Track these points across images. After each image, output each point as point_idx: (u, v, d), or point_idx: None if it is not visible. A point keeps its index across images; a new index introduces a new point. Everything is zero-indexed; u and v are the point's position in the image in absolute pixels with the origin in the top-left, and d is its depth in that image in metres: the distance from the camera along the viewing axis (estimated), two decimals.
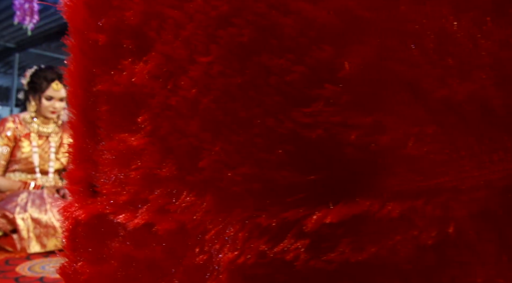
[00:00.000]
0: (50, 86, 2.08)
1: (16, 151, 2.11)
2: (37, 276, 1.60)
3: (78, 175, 0.43)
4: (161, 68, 0.35)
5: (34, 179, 2.16)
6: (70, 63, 0.44)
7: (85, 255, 0.41)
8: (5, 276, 1.58)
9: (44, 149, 2.18)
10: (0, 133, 2.08)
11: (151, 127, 0.36)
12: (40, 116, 2.15)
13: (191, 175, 0.32)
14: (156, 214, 0.35)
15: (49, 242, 1.88)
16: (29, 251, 1.85)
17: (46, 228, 1.88)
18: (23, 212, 1.87)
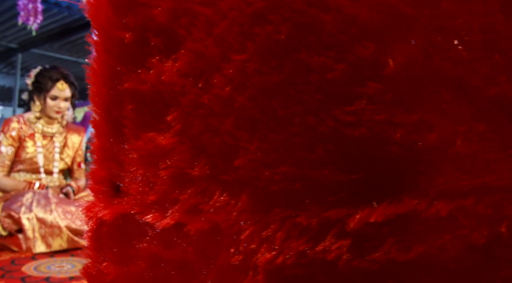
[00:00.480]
0: (55, 86, 2.06)
1: (20, 151, 2.09)
2: (43, 276, 1.58)
3: (102, 174, 0.42)
4: (192, 66, 0.34)
5: (38, 179, 2.14)
6: (93, 61, 0.43)
7: (110, 256, 0.40)
8: (12, 276, 1.56)
9: (48, 149, 2.16)
10: (5, 133, 2.06)
11: (181, 126, 0.35)
12: (45, 116, 2.13)
13: (225, 174, 0.32)
14: (187, 214, 0.34)
15: (54, 242, 1.86)
16: (35, 251, 1.83)
17: (51, 228, 1.86)
18: (29, 212, 1.85)
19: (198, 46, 0.34)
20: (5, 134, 2.04)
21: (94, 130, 0.44)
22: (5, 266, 1.67)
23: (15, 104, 7.24)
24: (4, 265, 1.68)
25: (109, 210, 0.40)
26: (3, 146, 2.03)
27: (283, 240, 0.29)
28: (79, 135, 2.28)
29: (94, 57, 0.43)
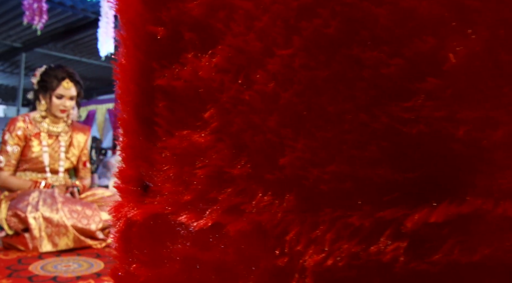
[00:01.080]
0: (61, 85, 2.04)
1: (26, 150, 2.07)
2: (50, 275, 1.56)
3: (130, 173, 0.41)
4: (231, 62, 0.33)
5: (44, 178, 2.11)
6: (122, 57, 0.41)
7: (140, 257, 0.39)
8: (19, 275, 1.54)
9: (54, 148, 2.14)
10: (11, 132, 2.04)
11: (219, 123, 0.33)
12: (50, 115, 2.11)
13: (269, 173, 0.30)
14: (226, 214, 0.32)
15: (60, 241, 1.84)
16: (41, 250, 1.81)
17: (58, 227, 1.84)
18: (35, 211, 1.83)
19: (238, 41, 0.32)
20: (11, 134, 2.02)
21: (121, 128, 0.43)
22: (12, 265, 1.65)
23: (19, 103, 7.20)
24: (11, 264, 1.66)
25: (140, 210, 0.38)
26: (9, 145, 2.01)
27: (333, 241, 0.28)
28: (85, 134, 2.26)
29: (122, 53, 0.42)
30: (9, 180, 2.01)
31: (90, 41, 6.42)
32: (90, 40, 6.37)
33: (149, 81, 0.38)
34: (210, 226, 0.33)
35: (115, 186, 0.43)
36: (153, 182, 0.38)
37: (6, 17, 5.49)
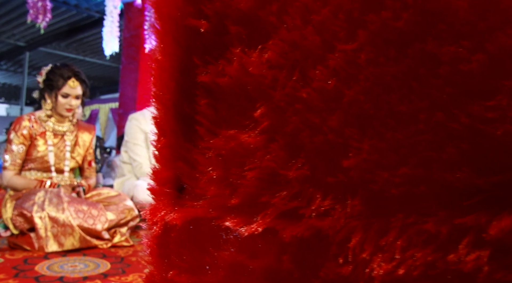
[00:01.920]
0: (67, 84, 2.01)
1: (31, 149, 2.04)
2: (56, 276, 1.54)
3: (166, 175, 0.39)
4: (285, 57, 0.31)
5: (49, 177, 2.08)
6: (158, 53, 0.39)
7: (179, 263, 0.36)
8: (25, 275, 1.52)
9: (59, 147, 2.11)
10: (16, 132, 2.00)
11: (271, 122, 0.31)
12: (56, 114, 2.08)
13: (331, 175, 0.28)
14: (280, 219, 0.30)
15: (66, 241, 1.81)
16: (47, 250, 1.77)
17: (64, 227, 1.81)
18: (41, 210, 1.80)
19: (293, 35, 0.30)
20: (16, 133, 1.99)
21: (156, 128, 0.40)
22: (19, 265, 1.62)
23: (23, 102, 7.15)
24: (17, 264, 1.63)
25: (179, 214, 0.36)
26: (14, 144, 1.98)
27: (404, 249, 0.25)
28: (90, 133, 2.23)
29: (158, 49, 0.39)
30: (14, 179, 1.98)
31: (94, 41, 6.39)
32: (94, 39, 6.33)
33: (190, 78, 0.36)
34: (261, 231, 0.31)
35: (149, 188, 0.41)
36: (194, 185, 0.36)
37: (10, 16, 5.45)
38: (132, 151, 2.49)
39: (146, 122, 2.51)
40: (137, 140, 2.49)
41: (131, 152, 2.50)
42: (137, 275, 1.58)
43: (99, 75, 8.28)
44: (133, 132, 2.50)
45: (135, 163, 2.49)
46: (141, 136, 2.50)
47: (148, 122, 2.52)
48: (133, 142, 2.50)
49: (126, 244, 1.93)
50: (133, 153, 2.49)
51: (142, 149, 2.50)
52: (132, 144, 2.50)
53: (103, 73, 8.27)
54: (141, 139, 2.50)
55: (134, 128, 2.50)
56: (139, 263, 1.74)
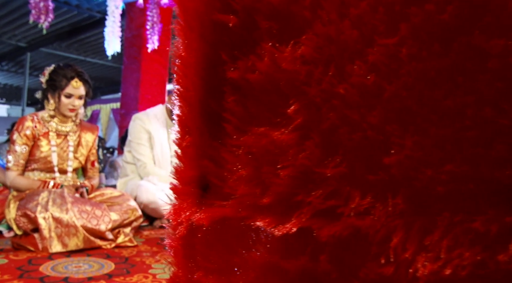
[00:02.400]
0: (70, 84, 1.99)
1: (35, 149, 2.02)
2: (61, 276, 1.52)
3: (191, 174, 0.38)
4: (321, 52, 0.30)
5: (53, 178, 2.07)
6: (182, 50, 0.38)
7: (206, 264, 0.35)
8: (30, 276, 1.50)
9: (62, 147, 2.10)
10: (19, 132, 1.99)
11: (306, 119, 0.30)
12: (59, 114, 2.07)
13: (371, 173, 0.27)
14: (317, 219, 0.29)
15: (70, 241, 1.79)
16: (51, 250, 1.76)
17: (68, 227, 1.79)
18: (45, 211, 1.78)
19: (329, 29, 0.29)
20: (19, 133, 1.97)
21: (180, 126, 0.39)
22: (23, 266, 1.60)
23: (24, 103, 7.12)
24: (21, 265, 1.62)
25: (206, 214, 0.35)
26: (17, 145, 1.97)
27: (450, 248, 0.25)
28: (93, 133, 2.22)
29: (182, 45, 0.38)
30: (17, 180, 1.97)
31: (95, 41, 6.38)
32: (95, 40, 6.32)
33: (217, 74, 0.35)
34: (296, 231, 0.30)
35: (172, 188, 0.40)
36: (221, 184, 0.35)
37: (11, 17, 5.43)
38: (136, 151, 2.48)
39: (150, 122, 2.50)
40: (141, 140, 2.48)
41: (135, 151, 2.49)
42: (142, 276, 1.57)
43: (100, 75, 8.26)
44: (137, 132, 2.49)
45: (139, 162, 2.47)
46: (145, 136, 2.49)
47: (152, 122, 2.51)
48: (137, 141, 2.48)
49: (130, 245, 1.92)
50: (137, 153, 2.48)
51: (146, 148, 2.49)
52: (136, 144, 2.49)
53: (104, 74, 8.25)
54: (145, 139, 2.49)
55: (138, 128, 2.49)
56: (144, 263, 1.72)
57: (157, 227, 2.36)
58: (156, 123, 2.52)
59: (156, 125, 2.51)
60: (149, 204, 2.29)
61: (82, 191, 2.04)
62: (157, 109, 2.61)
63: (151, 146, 2.51)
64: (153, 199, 2.29)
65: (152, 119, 2.52)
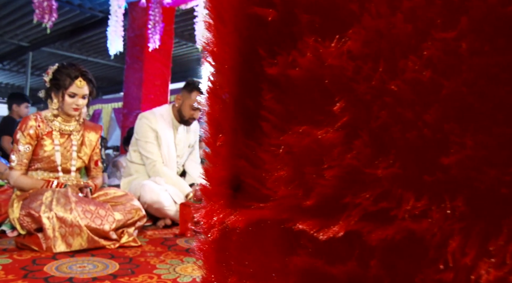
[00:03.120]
0: (74, 83, 1.97)
1: (38, 149, 2.00)
2: (66, 277, 1.50)
3: (223, 174, 0.36)
4: (370, 47, 0.28)
5: (56, 177, 2.04)
6: (214, 46, 0.37)
7: (240, 269, 0.34)
8: (34, 276, 1.48)
9: (66, 147, 2.07)
10: (23, 131, 1.96)
11: (354, 117, 0.29)
12: (62, 114, 2.04)
13: (428, 174, 0.25)
14: (366, 222, 0.28)
15: (74, 241, 1.77)
16: (55, 250, 1.73)
17: (72, 227, 1.77)
18: (49, 210, 1.76)
19: (379, 23, 0.28)
20: (23, 133, 1.95)
21: (211, 125, 0.38)
22: (27, 266, 1.58)
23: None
24: (26, 265, 1.59)
25: (242, 217, 0.33)
26: (21, 144, 1.94)
27: None
28: (96, 133, 2.19)
29: (214, 41, 0.37)
30: (21, 179, 1.94)
31: (97, 40, 6.34)
32: (97, 39, 6.29)
33: (254, 70, 0.34)
34: (343, 235, 0.28)
35: (202, 189, 0.38)
36: (258, 185, 0.33)
37: (13, 16, 5.39)
38: (144, 149, 2.46)
39: (156, 122, 2.48)
40: (149, 138, 2.46)
41: (143, 150, 2.46)
42: (147, 276, 1.55)
43: (102, 75, 8.22)
44: (144, 131, 2.47)
45: (148, 160, 2.45)
46: (152, 135, 2.47)
47: (158, 121, 2.49)
48: (145, 140, 2.46)
49: (134, 245, 1.90)
50: (145, 151, 2.46)
51: (154, 146, 2.47)
52: (143, 142, 2.46)
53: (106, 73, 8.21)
54: (152, 137, 2.47)
55: (145, 127, 2.47)
56: (148, 263, 1.70)
57: (161, 227, 2.34)
58: (163, 123, 2.50)
59: (162, 125, 2.49)
60: (153, 204, 2.27)
61: (86, 191, 2.02)
62: (163, 109, 2.59)
63: (158, 145, 2.49)
64: (156, 198, 2.27)
65: (159, 119, 2.50)
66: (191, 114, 2.51)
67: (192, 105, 2.47)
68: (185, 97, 2.50)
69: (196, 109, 2.49)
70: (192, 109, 2.49)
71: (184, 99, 2.51)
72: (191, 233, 2.11)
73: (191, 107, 2.48)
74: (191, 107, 2.48)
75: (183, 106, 2.51)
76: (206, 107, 0.38)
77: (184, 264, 1.70)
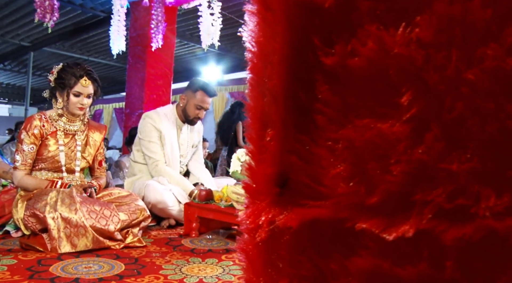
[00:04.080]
0: (79, 82, 1.94)
1: (42, 149, 1.96)
2: (72, 277, 1.47)
3: (271, 171, 0.34)
4: (443, 35, 0.26)
5: (60, 177, 2.01)
6: (260, 35, 0.35)
7: (293, 272, 0.32)
8: (40, 277, 1.45)
9: (70, 147, 2.03)
10: (27, 131, 1.93)
11: (423, 109, 0.27)
12: (67, 113, 2.02)
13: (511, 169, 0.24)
14: (439, 220, 0.26)
15: (79, 242, 1.73)
16: (60, 251, 1.70)
17: (77, 227, 1.74)
18: (53, 211, 1.72)
19: (454, 9, 0.26)
20: (27, 133, 1.91)
21: (255, 119, 0.36)
22: (33, 267, 1.55)
23: (27, 103, 6.98)
24: (31, 265, 1.56)
25: (295, 216, 0.31)
26: (25, 144, 1.91)
27: None
28: (101, 133, 2.16)
29: (260, 30, 0.35)
30: (25, 179, 1.91)
31: (98, 40, 6.29)
32: (98, 39, 6.24)
33: (307, 61, 0.32)
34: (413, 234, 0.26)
35: (245, 187, 0.36)
36: (312, 182, 0.31)
37: (14, 16, 5.34)
38: (147, 149, 2.43)
39: (160, 121, 2.45)
40: (152, 138, 2.43)
41: (146, 149, 2.43)
42: (153, 277, 1.52)
43: (103, 75, 8.18)
44: (147, 131, 2.44)
45: (150, 160, 2.42)
46: (155, 134, 2.44)
47: (162, 121, 2.46)
48: (148, 139, 2.43)
49: (139, 245, 1.87)
50: (148, 151, 2.43)
51: (158, 146, 2.44)
52: (147, 142, 2.43)
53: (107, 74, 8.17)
54: (156, 137, 2.44)
55: (149, 127, 2.44)
56: (154, 264, 1.68)
57: (165, 227, 2.31)
58: (167, 122, 2.48)
59: (166, 124, 2.47)
60: (157, 204, 2.24)
61: (91, 191, 1.99)
62: (167, 109, 2.56)
63: (162, 145, 2.46)
64: (161, 198, 2.24)
65: (163, 119, 2.47)
66: (196, 114, 2.48)
67: (197, 104, 2.45)
68: (190, 97, 2.48)
69: (201, 108, 2.47)
70: (197, 108, 2.47)
71: (188, 99, 2.48)
72: (195, 233, 2.08)
73: (196, 106, 2.46)
74: (196, 107, 2.46)
75: (188, 106, 2.48)
76: (250, 101, 0.36)
77: (190, 264, 1.67)
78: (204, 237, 2.10)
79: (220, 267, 1.65)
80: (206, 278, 1.51)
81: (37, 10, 2.85)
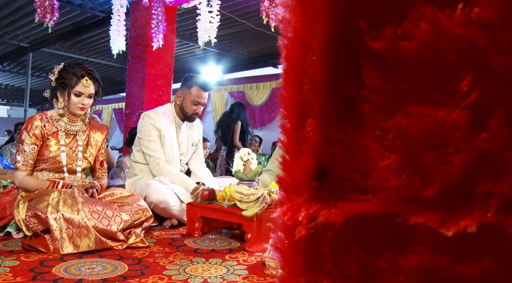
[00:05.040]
0: (80, 82, 1.91)
1: (43, 149, 1.92)
2: (75, 278, 1.44)
3: (309, 164, 0.32)
4: (508, 13, 0.24)
5: (62, 178, 1.97)
6: (299, 20, 0.32)
7: (338, 271, 0.29)
8: (43, 278, 1.41)
9: (71, 147, 2.00)
10: (28, 132, 1.89)
11: (485, 94, 0.25)
12: (68, 113, 1.98)
13: None
14: (505, 213, 0.24)
15: (82, 242, 1.69)
16: (62, 252, 1.66)
17: (79, 228, 1.70)
18: (55, 211, 1.69)
19: None
20: (28, 133, 1.88)
21: (291, 110, 0.33)
22: (35, 268, 1.51)
23: (26, 104, 6.89)
24: (34, 267, 1.52)
25: (339, 211, 0.29)
26: (26, 144, 1.87)
27: None
28: (102, 133, 2.13)
29: (298, 15, 0.32)
30: (26, 180, 1.87)
31: (98, 41, 6.23)
32: (98, 39, 6.18)
33: (352, 46, 0.29)
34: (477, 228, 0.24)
35: (279, 181, 0.34)
36: (356, 174, 0.29)
37: (13, 17, 5.27)
38: (148, 148, 2.40)
39: (159, 120, 2.42)
40: (152, 137, 2.40)
41: (146, 149, 2.40)
42: (157, 277, 1.49)
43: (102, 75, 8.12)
44: (147, 130, 2.41)
45: (151, 159, 2.39)
46: (155, 133, 2.41)
47: (161, 119, 2.43)
48: (148, 138, 2.40)
49: (142, 245, 1.84)
50: (149, 150, 2.39)
51: (158, 145, 2.40)
52: (147, 141, 2.40)
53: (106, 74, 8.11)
54: (155, 136, 2.41)
55: (148, 126, 2.41)
56: (157, 264, 1.65)
57: (167, 227, 2.28)
58: (166, 121, 2.45)
59: (165, 123, 2.44)
60: (159, 204, 2.21)
61: (93, 191, 1.95)
62: (165, 108, 2.53)
63: (162, 144, 2.43)
64: (163, 198, 2.21)
65: (162, 117, 2.44)
66: (194, 109, 2.45)
67: (193, 100, 2.42)
68: (186, 93, 2.45)
69: (198, 104, 2.44)
70: (194, 104, 2.44)
71: (184, 96, 2.46)
72: (198, 233, 2.05)
73: (193, 102, 2.43)
74: (193, 103, 2.43)
75: (185, 103, 2.45)
76: (285, 91, 0.34)
77: (194, 264, 1.65)
78: (207, 237, 2.07)
79: (224, 267, 1.63)
80: (211, 278, 1.49)
81: (37, 10, 2.81)
